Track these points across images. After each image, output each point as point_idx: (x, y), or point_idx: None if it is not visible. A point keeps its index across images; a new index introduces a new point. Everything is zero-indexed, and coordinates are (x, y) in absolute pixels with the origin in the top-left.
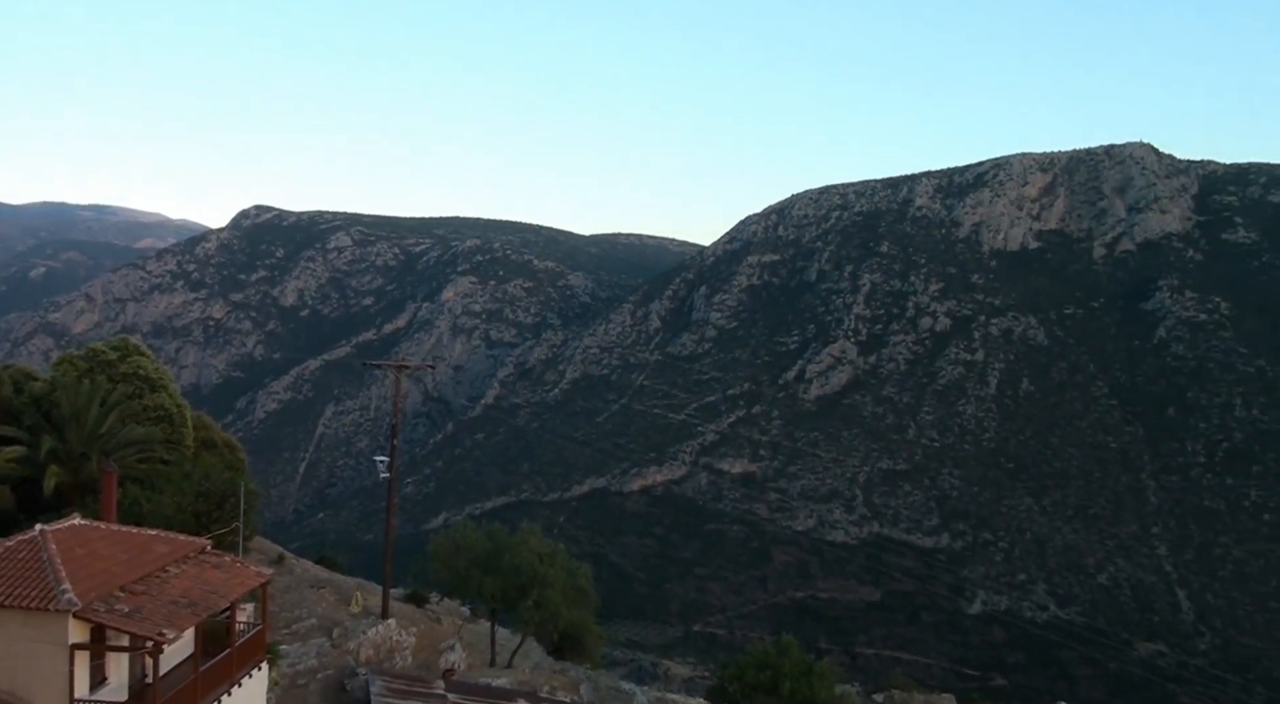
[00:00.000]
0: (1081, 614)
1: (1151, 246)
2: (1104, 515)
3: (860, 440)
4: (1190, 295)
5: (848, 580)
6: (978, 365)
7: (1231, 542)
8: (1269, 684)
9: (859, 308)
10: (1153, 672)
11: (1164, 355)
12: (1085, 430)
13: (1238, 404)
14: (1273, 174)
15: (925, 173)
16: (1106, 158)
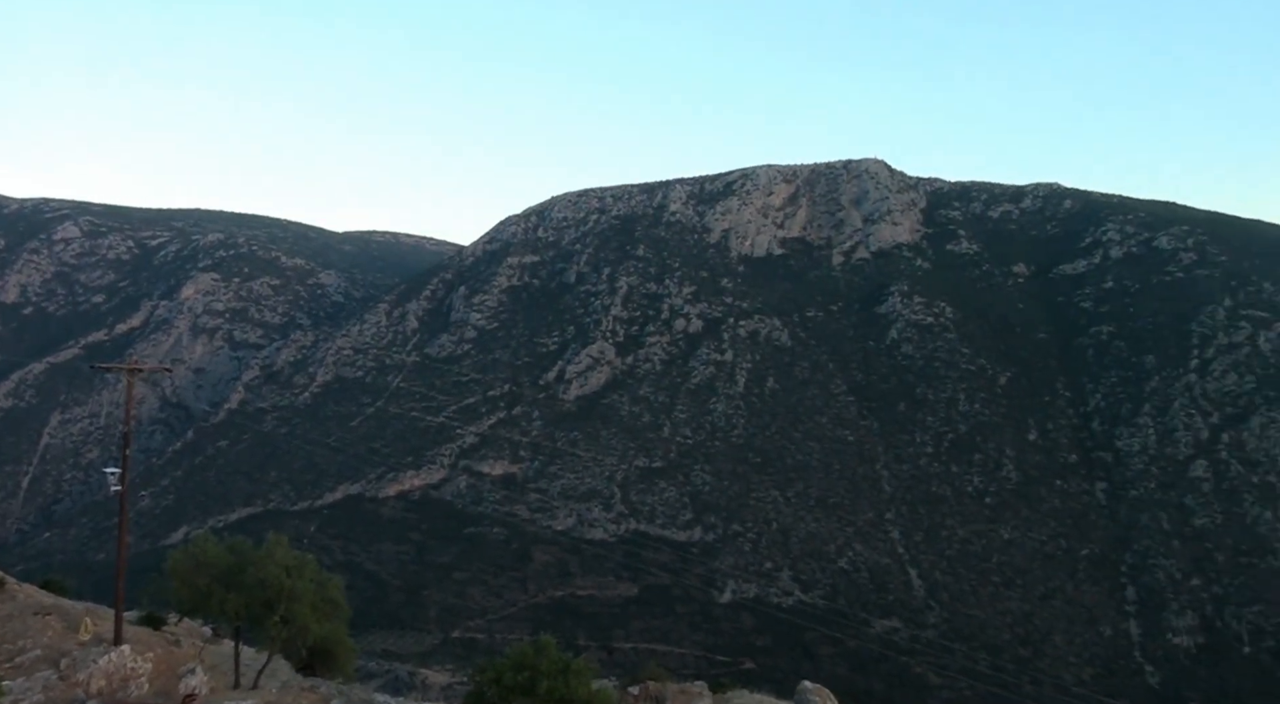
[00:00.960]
0: (823, 597)
1: (885, 255)
2: (843, 504)
3: (618, 439)
4: (919, 300)
5: (606, 577)
6: (727, 365)
7: (957, 523)
8: (991, 650)
9: (617, 309)
10: (888, 646)
11: (896, 355)
12: (825, 425)
13: (961, 399)
14: (992, 192)
15: (679, 180)
16: (845, 172)
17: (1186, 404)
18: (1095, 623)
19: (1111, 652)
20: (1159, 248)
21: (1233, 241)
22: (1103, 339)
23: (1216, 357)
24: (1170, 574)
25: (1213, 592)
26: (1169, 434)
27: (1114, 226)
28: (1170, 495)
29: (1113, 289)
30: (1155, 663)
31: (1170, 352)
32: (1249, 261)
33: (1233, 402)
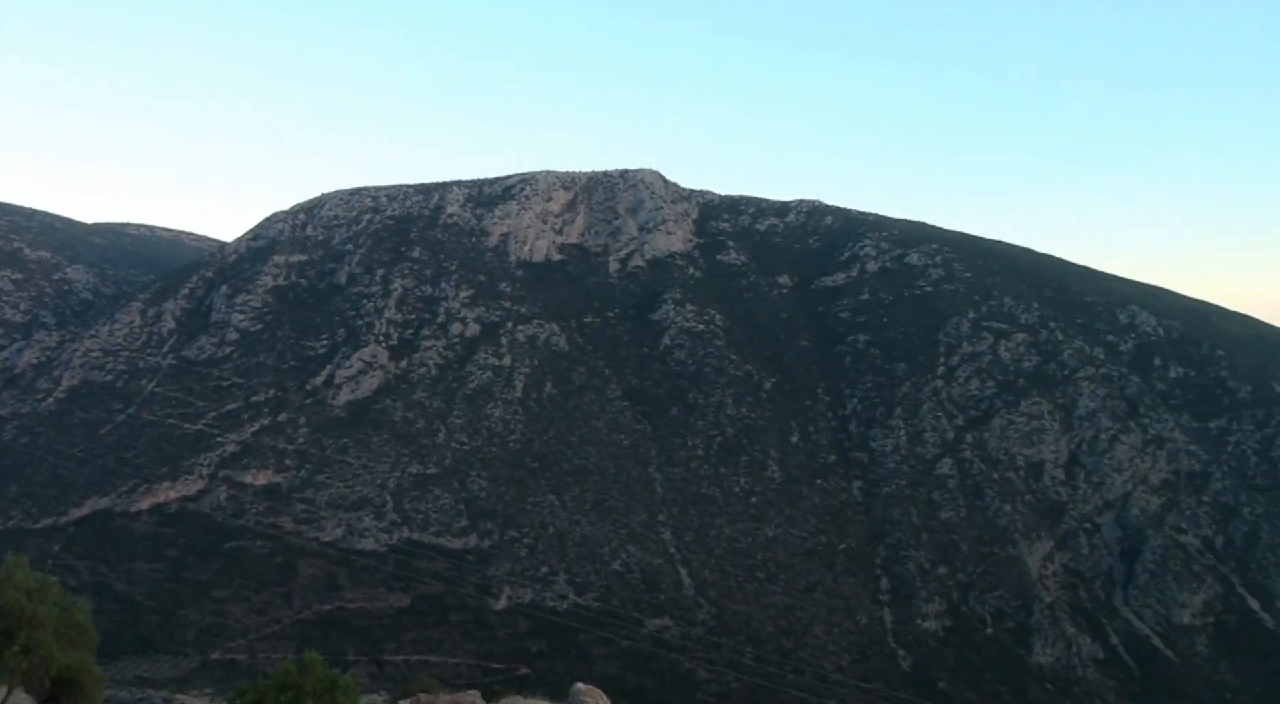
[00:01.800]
0: (597, 599)
1: (659, 263)
2: (618, 507)
3: (391, 446)
4: (691, 308)
5: (377, 589)
6: (505, 370)
7: (725, 523)
8: (756, 643)
9: (390, 312)
10: (659, 645)
11: (669, 361)
12: (601, 430)
13: (729, 403)
14: (759, 206)
15: (456, 181)
16: (621, 180)
17: (934, 407)
18: (852, 613)
19: (867, 639)
20: (910, 263)
21: (976, 259)
22: (859, 347)
23: (961, 364)
24: (920, 564)
25: (958, 579)
26: (918, 435)
27: (870, 243)
28: (920, 492)
29: (869, 301)
30: (907, 647)
31: (920, 359)
32: (990, 278)
33: (975, 405)
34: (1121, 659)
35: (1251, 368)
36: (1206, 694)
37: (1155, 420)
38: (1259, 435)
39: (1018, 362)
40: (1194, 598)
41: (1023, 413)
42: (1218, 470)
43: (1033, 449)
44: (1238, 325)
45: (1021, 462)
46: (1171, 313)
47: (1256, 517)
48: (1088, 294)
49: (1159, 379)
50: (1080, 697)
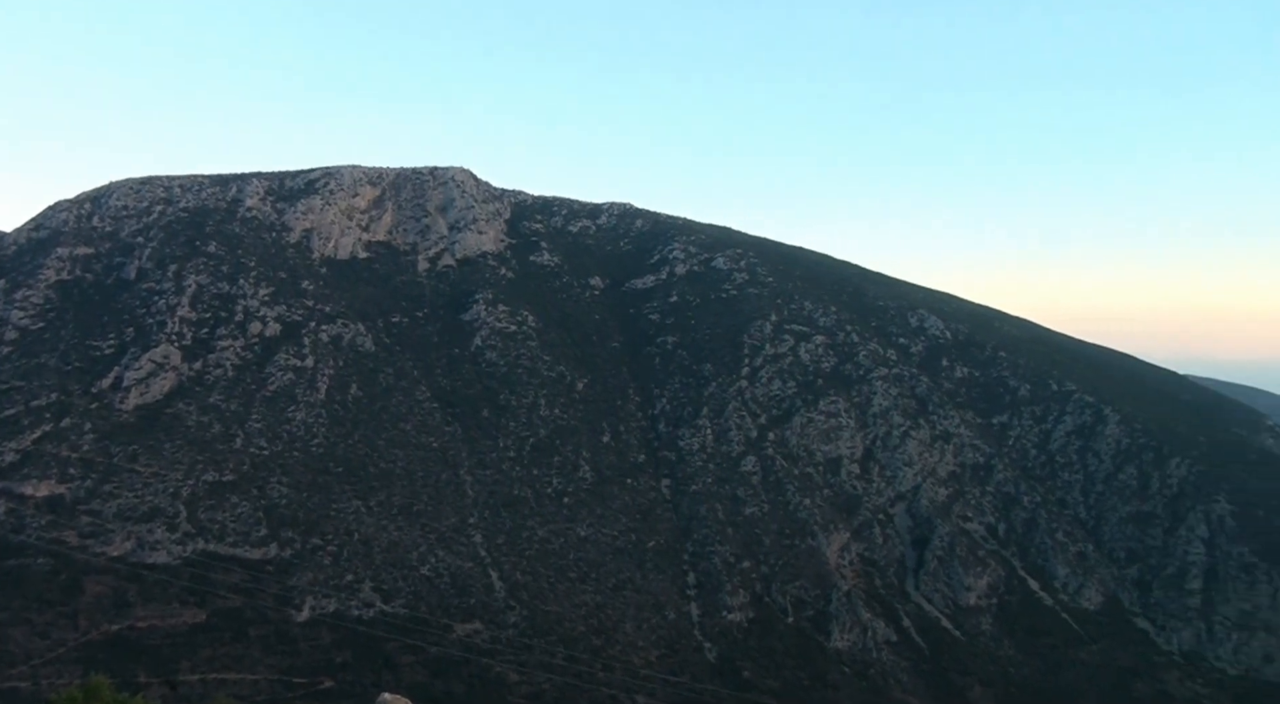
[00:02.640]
0: (405, 606)
1: (470, 263)
2: (427, 511)
3: (184, 452)
4: (503, 308)
5: (170, 605)
6: (308, 371)
7: (537, 524)
8: (567, 643)
9: (184, 310)
10: (469, 650)
11: (480, 362)
12: (410, 432)
13: (541, 404)
14: (571, 208)
15: (256, 173)
16: (431, 178)
17: (739, 407)
18: (661, 608)
19: (675, 633)
20: (717, 267)
21: (778, 265)
22: (668, 348)
23: (764, 365)
24: (725, 559)
25: (761, 572)
26: (724, 434)
27: (679, 246)
28: (725, 489)
29: (677, 303)
30: (713, 639)
31: (726, 360)
32: (792, 283)
33: (777, 404)
34: (913, 641)
35: (1030, 368)
36: (991, 669)
37: (943, 417)
38: (1037, 430)
39: (817, 362)
40: (979, 581)
41: (821, 411)
42: (1000, 462)
43: (830, 445)
44: (1017, 328)
45: (820, 457)
46: (958, 317)
47: (1035, 504)
48: (881, 299)
49: (946, 378)
50: (875, 678)
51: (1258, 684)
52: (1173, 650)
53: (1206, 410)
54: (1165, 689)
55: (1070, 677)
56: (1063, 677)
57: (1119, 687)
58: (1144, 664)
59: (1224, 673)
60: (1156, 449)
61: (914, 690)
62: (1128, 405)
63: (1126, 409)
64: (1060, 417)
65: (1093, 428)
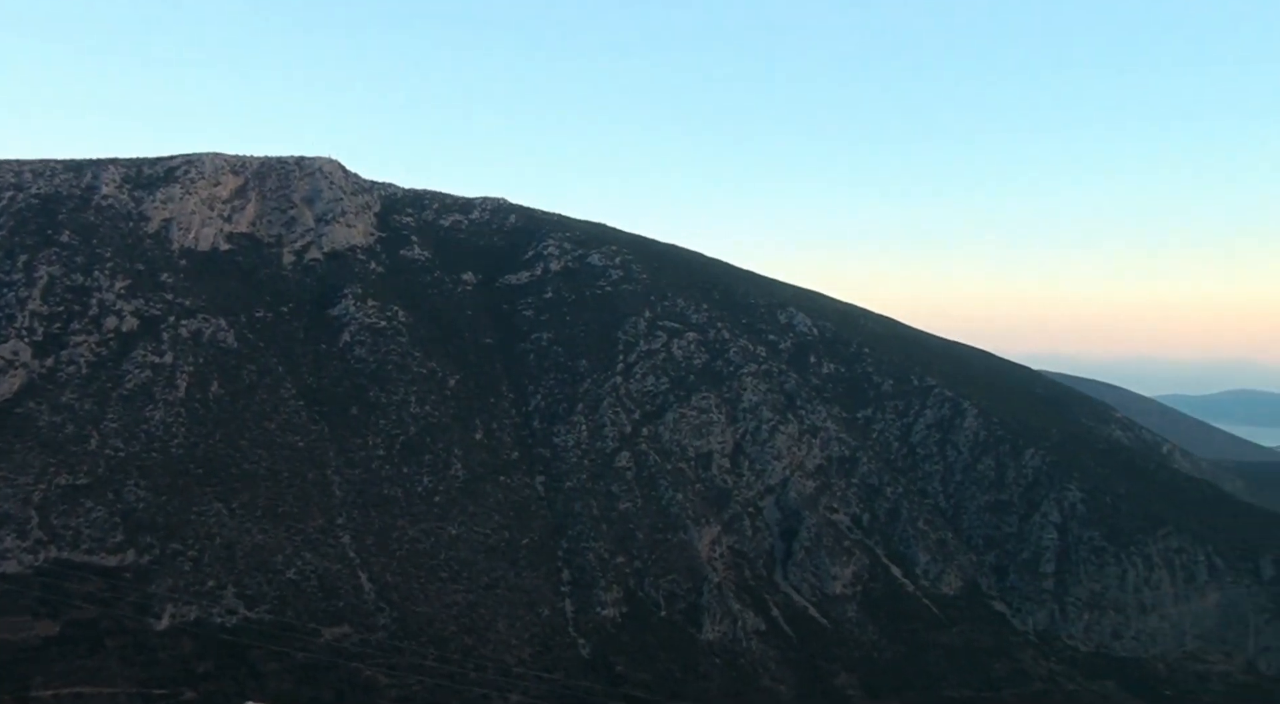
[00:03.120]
0: (270, 612)
1: (338, 257)
2: (292, 512)
3: (36, 454)
4: (372, 304)
5: (21, 617)
6: (166, 368)
7: (407, 523)
8: (438, 644)
9: (35, 303)
10: (338, 654)
11: (348, 358)
12: (274, 431)
13: (412, 401)
14: (443, 202)
15: (113, 160)
16: (297, 168)
17: (613, 403)
18: (535, 606)
19: (549, 630)
20: (592, 264)
21: (652, 262)
22: (543, 345)
23: (638, 361)
24: (600, 554)
25: (634, 566)
26: (599, 430)
27: (554, 242)
28: (599, 484)
29: (552, 299)
30: (586, 635)
31: (600, 357)
32: (665, 280)
33: (651, 400)
34: (782, 630)
35: (893, 364)
36: (856, 655)
37: (810, 412)
38: (899, 423)
39: (689, 359)
40: (844, 570)
41: (693, 407)
42: (864, 455)
43: (702, 441)
44: (881, 326)
45: (692, 453)
46: (825, 314)
47: (898, 495)
48: (752, 297)
49: (814, 374)
50: (745, 667)
51: (1108, 659)
52: (1028, 631)
53: (1058, 404)
54: (1021, 668)
55: (931, 659)
56: (924, 659)
57: (978, 667)
58: (1001, 645)
59: (1076, 650)
60: (1012, 441)
61: (782, 678)
62: (985, 399)
63: (984, 403)
64: (921, 410)
65: (952, 421)
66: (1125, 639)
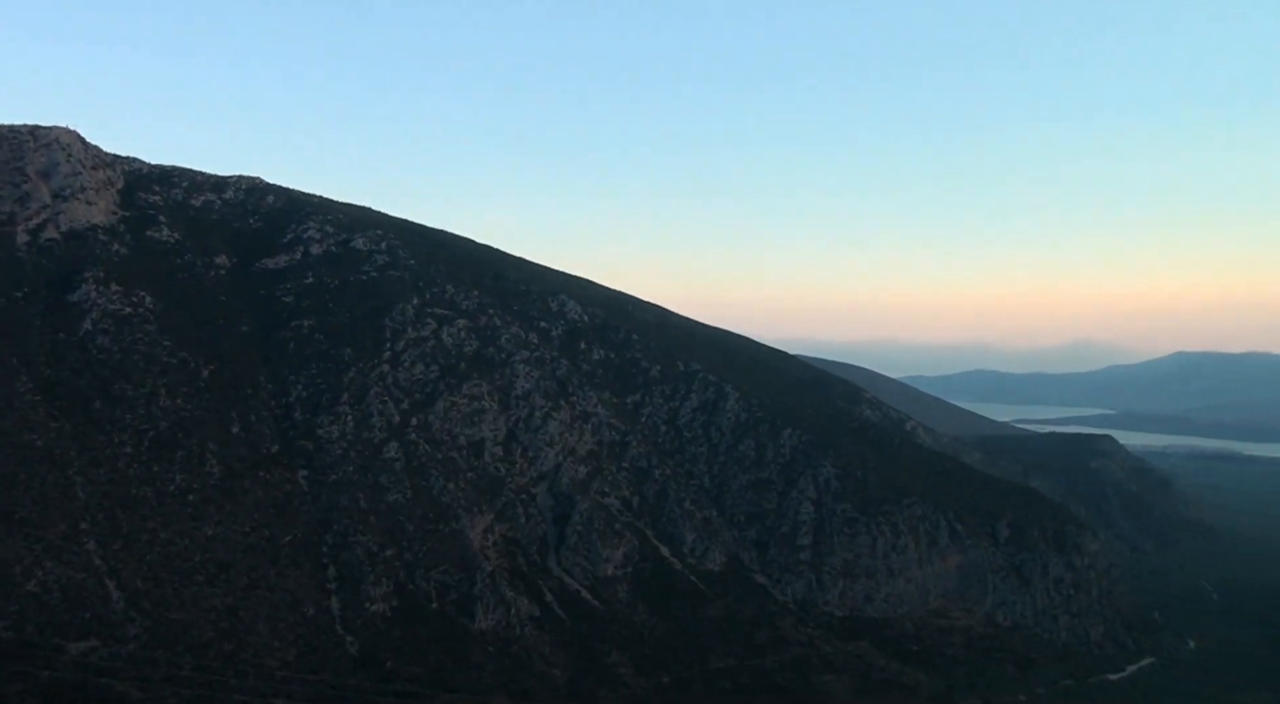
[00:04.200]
0: (9, 628)
1: (78, 237)
2: (31, 518)
3: None
4: (116, 288)
5: None
6: None
7: (159, 525)
8: (195, 652)
9: None
10: (86, 670)
11: (90, 348)
12: (10, 430)
13: (162, 394)
14: (194, 180)
15: None
16: (32, 138)
17: (381, 392)
18: (299, 605)
19: (314, 630)
20: (356, 248)
21: (419, 247)
22: (304, 332)
23: (406, 349)
24: (368, 548)
25: (405, 559)
26: (366, 420)
27: (315, 225)
28: (367, 476)
29: (314, 285)
30: (355, 632)
31: (366, 344)
32: (434, 266)
33: (420, 389)
34: (556, 615)
35: (660, 350)
36: (627, 634)
37: (582, 398)
38: (667, 408)
39: (459, 346)
40: (616, 552)
41: (465, 395)
42: (634, 439)
43: (474, 429)
44: (649, 314)
45: (464, 441)
46: (595, 302)
47: (665, 477)
48: (523, 283)
49: (585, 361)
50: (519, 654)
51: (861, 622)
52: (788, 600)
53: (813, 386)
54: (782, 635)
55: (698, 632)
56: (692, 634)
57: (742, 636)
58: (763, 615)
59: (832, 615)
60: (771, 422)
61: (556, 662)
62: (746, 383)
63: (745, 387)
64: (687, 395)
65: (716, 404)
66: (876, 602)
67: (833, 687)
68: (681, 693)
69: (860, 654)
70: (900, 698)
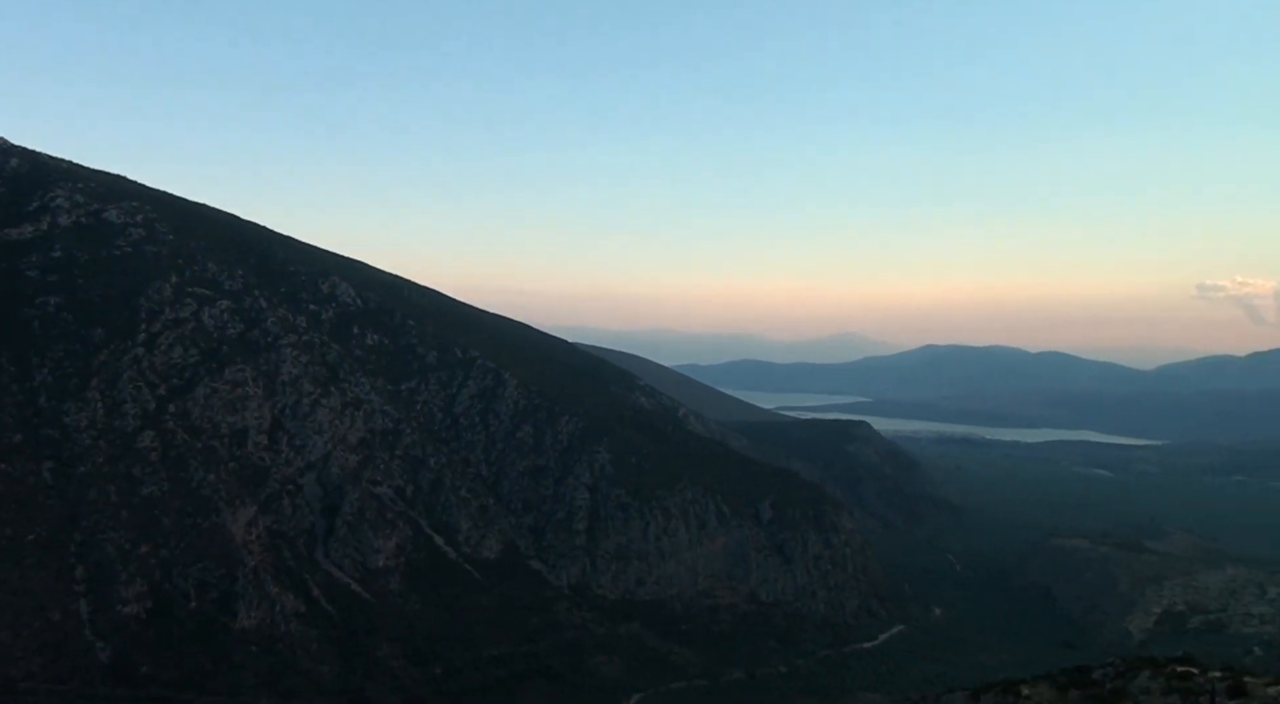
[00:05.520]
0: None
1: None
2: None
3: None
4: None
5: None
6: None
7: None
8: None
9: None
10: None
11: None
12: None
13: None
14: None
15: None
16: None
17: (135, 376)
18: (44, 610)
19: (61, 636)
20: (109, 220)
21: (179, 221)
22: (50, 311)
23: (164, 331)
24: (120, 546)
25: (161, 556)
26: (118, 407)
27: (64, 194)
28: (119, 468)
29: (61, 259)
30: (106, 637)
31: (119, 325)
32: (195, 242)
33: (178, 373)
34: (323, 609)
35: (436, 336)
36: (399, 626)
37: (354, 384)
38: (443, 395)
39: (222, 328)
40: (387, 543)
41: (227, 380)
42: (408, 427)
43: (236, 416)
44: (426, 298)
45: (225, 429)
46: (370, 285)
47: (441, 465)
48: (292, 264)
49: (357, 346)
50: (284, 652)
51: (633, 604)
52: (562, 585)
53: (591, 374)
54: (556, 619)
55: (472, 621)
56: (465, 622)
57: (516, 623)
58: (538, 600)
59: (605, 598)
60: (549, 408)
61: (324, 658)
62: (525, 370)
63: (524, 374)
64: (465, 381)
65: (494, 391)
66: (648, 584)
67: (605, 668)
68: (453, 682)
69: (632, 635)
70: (669, 676)
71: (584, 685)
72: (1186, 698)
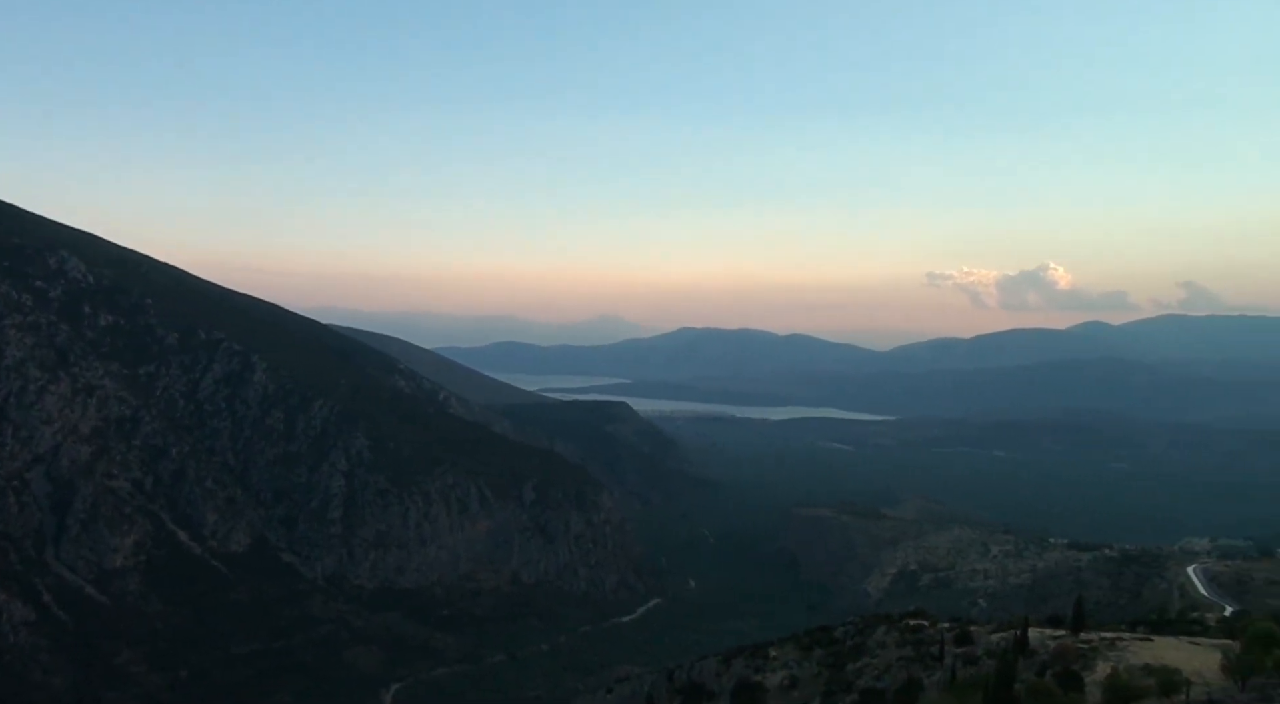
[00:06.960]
0: None
1: None
2: None
3: None
4: None
5: None
6: None
7: None
8: None
9: None
10: None
11: None
12: None
13: None
14: None
15: None
16: None
17: None
18: None
19: None
20: None
21: None
22: None
23: None
24: None
25: None
26: None
27: None
28: None
29: None
30: None
31: None
32: None
33: None
34: (55, 616)
35: (179, 316)
36: (140, 629)
37: (86, 369)
38: (186, 379)
39: None
40: (125, 540)
41: None
42: (147, 414)
43: None
44: (167, 276)
45: None
46: (103, 261)
47: (184, 455)
48: (15, 236)
49: (90, 327)
50: (12, 665)
51: (393, 592)
52: (317, 577)
53: (347, 356)
54: (310, 613)
55: (219, 619)
56: (212, 620)
57: (268, 619)
58: (290, 594)
59: (363, 588)
60: (302, 393)
61: (57, 669)
62: (276, 353)
63: (274, 357)
64: (209, 365)
65: (241, 375)
66: (408, 572)
67: (363, 659)
68: (200, 685)
69: (391, 625)
70: (431, 663)
71: (342, 679)
72: (919, 649)
